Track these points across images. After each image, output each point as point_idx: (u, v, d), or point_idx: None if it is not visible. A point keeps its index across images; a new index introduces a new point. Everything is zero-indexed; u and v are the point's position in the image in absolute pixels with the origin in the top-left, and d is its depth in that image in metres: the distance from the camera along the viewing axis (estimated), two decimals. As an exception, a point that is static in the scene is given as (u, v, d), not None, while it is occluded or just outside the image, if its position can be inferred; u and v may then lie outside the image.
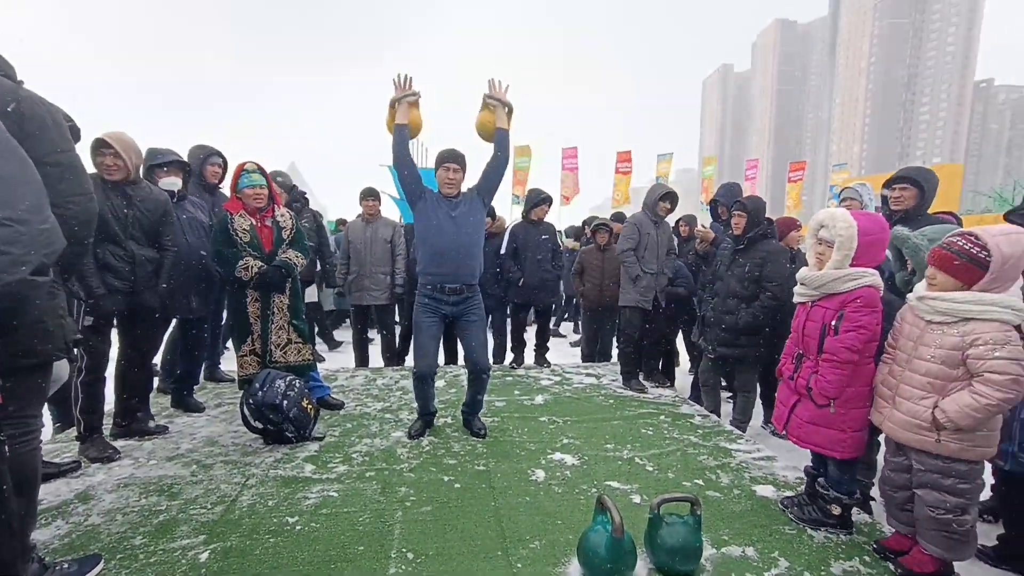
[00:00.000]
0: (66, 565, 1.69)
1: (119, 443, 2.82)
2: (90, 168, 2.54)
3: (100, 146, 2.62)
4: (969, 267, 1.72)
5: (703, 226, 4.70)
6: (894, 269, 2.48)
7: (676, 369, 4.87)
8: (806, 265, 2.26)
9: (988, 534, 2.23)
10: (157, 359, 3.51)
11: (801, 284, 2.22)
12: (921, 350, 1.84)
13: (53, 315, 1.55)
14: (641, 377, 4.21)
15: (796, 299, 2.27)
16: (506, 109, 3.02)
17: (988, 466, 1.90)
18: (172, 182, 3.33)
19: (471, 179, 3.07)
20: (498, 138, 3.00)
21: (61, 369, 2.03)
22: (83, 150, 2.07)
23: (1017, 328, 1.70)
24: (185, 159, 3.52)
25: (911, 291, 2.45)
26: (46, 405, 2.03)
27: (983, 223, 2.01)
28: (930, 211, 2.81)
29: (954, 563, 1.85)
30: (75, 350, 1.71)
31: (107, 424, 2.86)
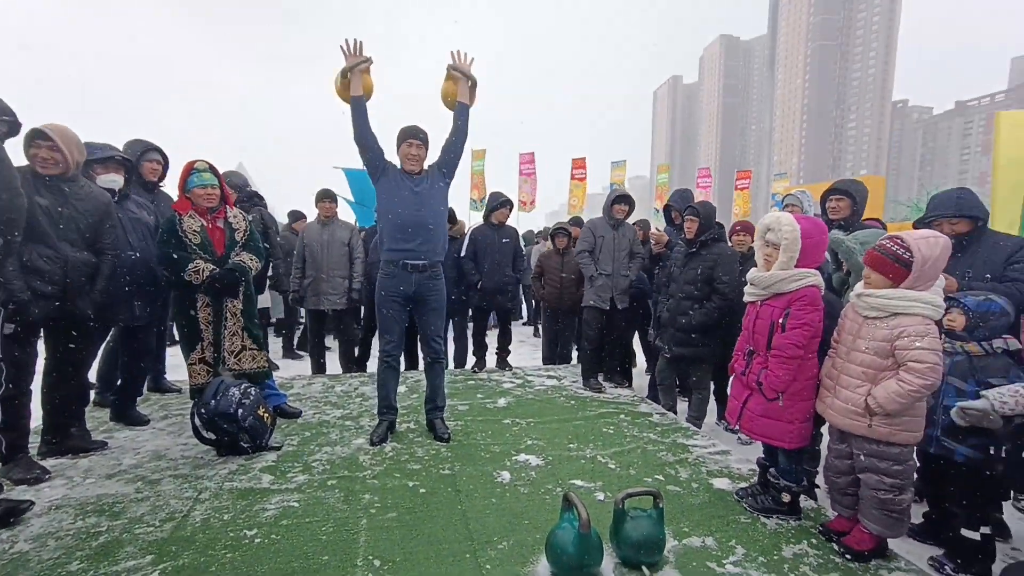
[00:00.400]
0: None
1: (48, 462, 2.59)
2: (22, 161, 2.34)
3: (36, 137, 2.42)
4: (896, 267, 1.91)
5: (657, 229, 4.89)
6: (830, 270, 2.69)
7: (633, 369, 5.02)
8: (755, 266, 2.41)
9: (914, 513, 2.44)
10: (92, 371, 3.26)
11: (751, 284, 2.36)
12: (858, 343, 2.01)
13: None
14: (601, 377, 4.31)
15: (746, 298, 2.42)
16: (469, 82, 3.04)
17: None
18: (112, 179, 3.12)
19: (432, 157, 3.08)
20: (458, 109, 3.02)
21: None
22: (17, 144, 1.91)
23: (937, 323, 1.90)
24: (125, 155, 3.31)
25: (846, 290, 2.67)
26: None
27: (904, 229, 2.24)
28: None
29: (888, 540, 2.02)
30: None
31: (34, 443, 2.63)
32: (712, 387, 3.83)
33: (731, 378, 2.52)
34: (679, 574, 1.87)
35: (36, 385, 2.53)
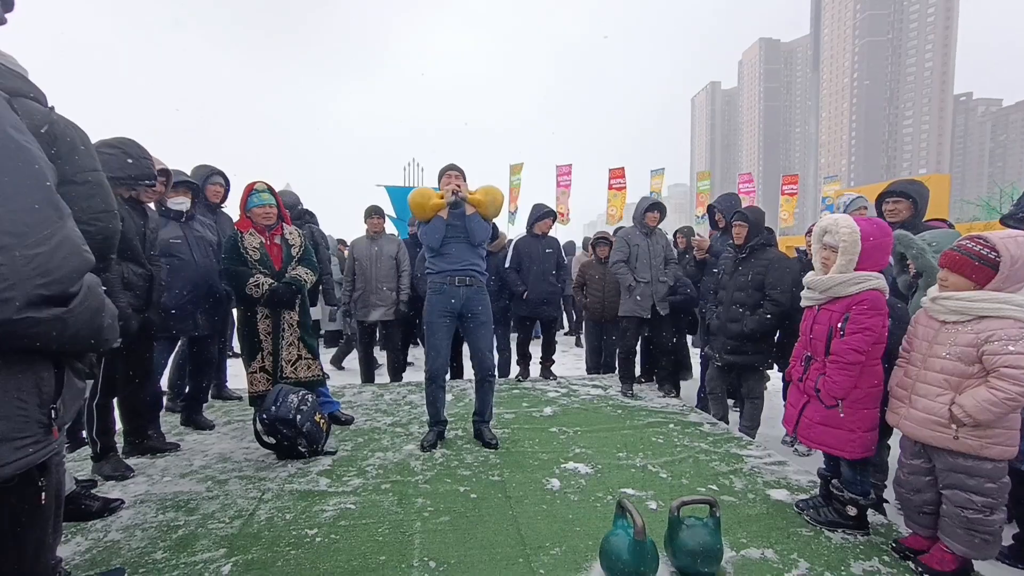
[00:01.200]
0: (92, 579, 1.68)
1: (131, 461, 2.80)
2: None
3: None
4: (981, 268, 1.78)
5: (699, 235, 4.80)
6: (895, 273, 2.55)
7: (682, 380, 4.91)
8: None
9: (1004, 535, 2.26)
10: (164, 379, 3.52)
11: (808, 288, 2.28)
12: (936, 349, 1.88)
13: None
14: (654, 386, 4.27)
15: (803, 303, 2.33)
16: (466, 202, 3.05)
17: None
18: (180, 202, 3.39)
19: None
20: (465, 222, 3.05)
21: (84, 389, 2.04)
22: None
23: None
24: (192, 179, 3.59)
25: (913, 293, 2.52)
26: None
27: (973, 230, 2.11)
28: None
29: (974, 562, 1.87)
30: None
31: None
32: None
33: (788, 385, 2.44)
34: (739, 586, 1.81)
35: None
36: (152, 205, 3.01)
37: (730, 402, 4.01)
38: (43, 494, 0.90)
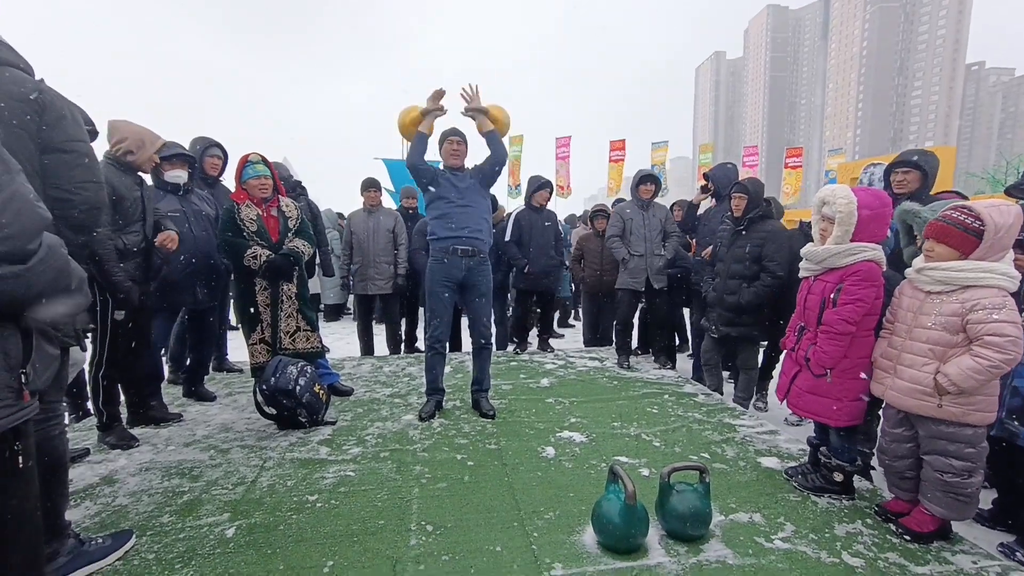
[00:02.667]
0: (100, 540, 1.74)
1: (136, 430, 2.86)
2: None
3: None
4: (965, 237, 1.79)
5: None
6: (903, 244, 2.53)
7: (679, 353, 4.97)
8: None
9: (984, 498, 2.32)
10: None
11: (805, 260, 2.29)
12: (921, 319, 1.90)
13: None
14: (650, 358, 4.32)
15: (801, 274, 2.35)
16: (486, 114, 3.11)
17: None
18: (177, 175, 3.34)
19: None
20: (487, 141, 3.12)
21: (76, 354, 2.06)
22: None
23: (1013, 295, 1.77)
24: (188, 152, 3.54)
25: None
26: None
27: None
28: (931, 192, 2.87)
29: (952, 523, 1.93)
30: (85, 337, 1.73)
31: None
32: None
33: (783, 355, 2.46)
34: (725, 547, 1.87)
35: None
36: (148, 177, 2.98)
37: (725, 374, 4.06)
38: (19, 457, 0.91)
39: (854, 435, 2.26)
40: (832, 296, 2.13)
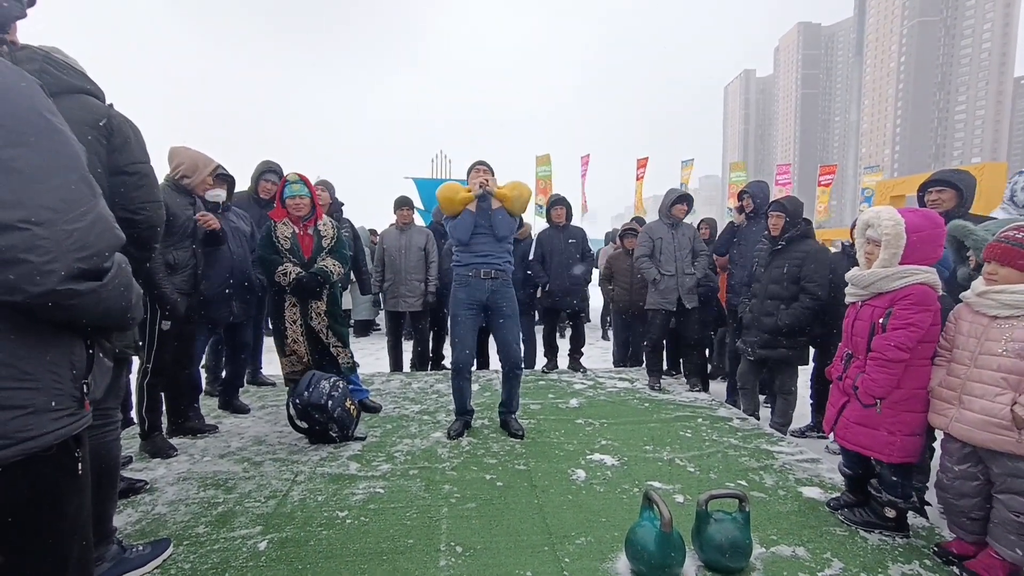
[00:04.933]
0: (141, 547, 1.79)
1: (174, 440, 2.95)
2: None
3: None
4: None
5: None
6: (955, 263, 2.41)
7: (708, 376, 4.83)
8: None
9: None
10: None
11: (851, 284, 2.19)
12: (988, 346, 1.78)
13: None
14: (682, 379, 4.22)
15: (847, 299, 2.25)
16: (496, 192, 3.06)
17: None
18: (217, 194, 3.49)
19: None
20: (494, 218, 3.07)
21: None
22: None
23: None
24: (229, 172, 3.68)
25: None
26: None
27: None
28: (974, 212, 2.73)
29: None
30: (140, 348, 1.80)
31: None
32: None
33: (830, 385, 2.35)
34: (769, 583, 1.78)
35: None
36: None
37: (761, 397, 3.92)
38: (80, 464, 0.95)
39: (910, 472, 2.12)
40: (881, 321, 2.03)
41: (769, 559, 1.91)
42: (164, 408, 2.98)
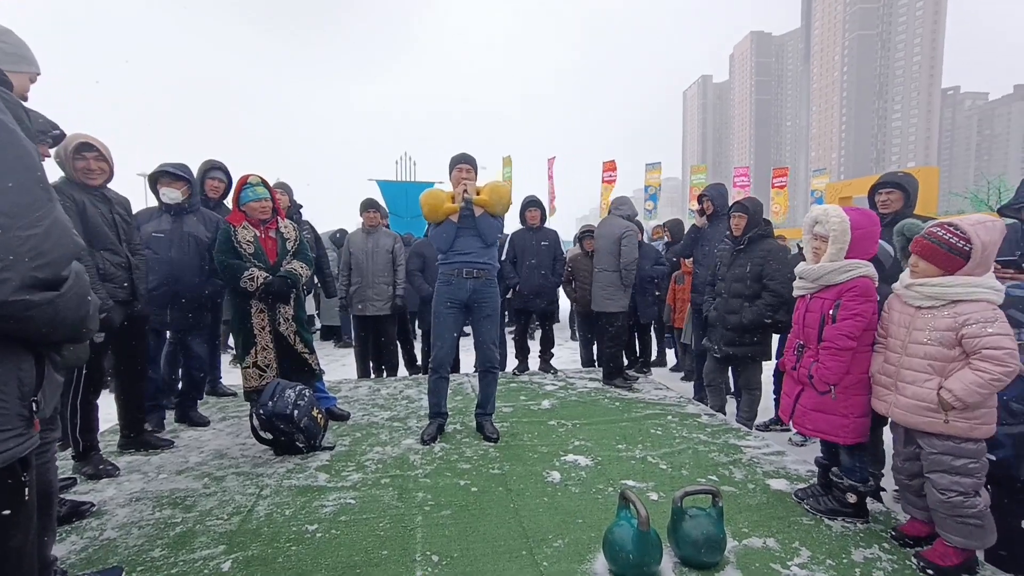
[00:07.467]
0: (89, 578, 1.65)
1: (125, 457, 2.76)
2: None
3: (82, 149, 2.49)
4: (950, 257, 1.80)
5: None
6: (900, 259, 2.55)
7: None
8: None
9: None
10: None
11: (800, 278, 2.30)
12: (915, 335, 1.90)
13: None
14: (651, 377, 4.31)
15: (796, 292, 2.36)
16: (475, 200, 3.04)
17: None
18: (168, 195, 3.30)
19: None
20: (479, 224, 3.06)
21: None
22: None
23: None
24: (180, 172, 3.48)
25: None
26: None
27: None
28: (916, 212, 2.92)
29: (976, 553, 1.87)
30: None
31: (111, 441, 2.80)
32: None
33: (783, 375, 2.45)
34: (741, 574, 1.82)
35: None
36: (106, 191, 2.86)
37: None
38: (26, 489, 0.86)
39: (864, 453, 2.23)
40: (831, 312, 2.14)
41: (742, 552, 1.96)
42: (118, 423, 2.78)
